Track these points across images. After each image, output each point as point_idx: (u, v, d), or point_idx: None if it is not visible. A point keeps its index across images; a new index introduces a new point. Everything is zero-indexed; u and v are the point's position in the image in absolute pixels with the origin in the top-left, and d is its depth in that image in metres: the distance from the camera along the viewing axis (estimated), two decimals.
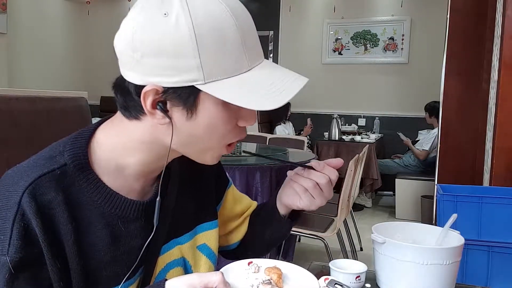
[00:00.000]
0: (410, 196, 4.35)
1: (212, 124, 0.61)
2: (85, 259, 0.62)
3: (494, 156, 2.22)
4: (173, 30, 0.56)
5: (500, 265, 1.62)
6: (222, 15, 0.58)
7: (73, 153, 0.63)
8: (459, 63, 2.84)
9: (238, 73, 0.59)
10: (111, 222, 0.65)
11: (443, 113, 2.88)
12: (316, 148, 4.68)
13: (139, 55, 0.58)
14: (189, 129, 0.61)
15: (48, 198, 0.60)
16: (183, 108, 0.60)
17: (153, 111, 0.60)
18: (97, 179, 0.64)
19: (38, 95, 1.05)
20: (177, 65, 0.57)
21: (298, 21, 5.88)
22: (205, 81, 0.57)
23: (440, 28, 3.44)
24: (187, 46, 0.56)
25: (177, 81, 0.58)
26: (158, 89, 0.58)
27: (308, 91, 5.83)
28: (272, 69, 0.63)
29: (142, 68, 0.59)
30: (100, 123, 0.69)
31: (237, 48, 0.58)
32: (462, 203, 1.67)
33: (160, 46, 0.57)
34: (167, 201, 0.73)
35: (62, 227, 0.60)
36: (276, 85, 0.60)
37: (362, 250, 3.45)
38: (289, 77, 0.63)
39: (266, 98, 0.58)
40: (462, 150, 2.83)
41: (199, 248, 0.80)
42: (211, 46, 0.57)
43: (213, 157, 0.67)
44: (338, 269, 0.92)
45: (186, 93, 0.58)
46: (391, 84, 5.48)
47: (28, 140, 0.92)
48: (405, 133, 4.79)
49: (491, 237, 1.63)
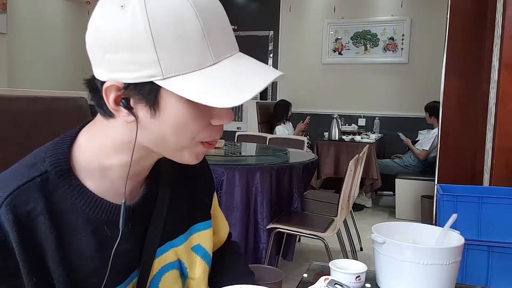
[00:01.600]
0: (410, 196, 4.35)
1: (179, 122, 0.58)
2: (70, 268, 0.60)
3: (494, 156, 2.22)
4: (128, 23, 0.54)
5: (500, 265, 1.62)
6: (181, 6, 0.54)
7: (54, 159, 0.61)
8: (459, 63, 2.84)
9: (201, 68, 0.55)
10: (97, 228, 0.62)
11: (443, 113, 2.88)
12: (316, 148, 4.68)
13: (102, 51, 0.57)
14: (156, 127, 0.58)
15: (27, 209, 0.57)
16: (146, 105, 0.57)
17: (116, 108, 0.58)
18: (80, 184, 0.62)
19: (38, 95, 1.05)
20: (135, 60, 0.55)
21: (298, 21, 5.88)
22: (163, 77, 0.54)
23: (440, 28, 3.44)
24: (143, 40, 0.53)
25: (136, 76, 0.55)
26: (118, 85, 0.56)
27: (308, 91, 5.83)
28: (242, 62, 0.59)
29: (105, 64, 0.57)
30: (83, 126, 0.67)
31: (198, 41, 0.55)
32: (462, 203, 1.67)
33: (118, 40, 0.55)
34: (159, 204, 0.71)
35: (43, 237, 0.58)
36: (241, 80, 0.56)
37: (362, 250, 3.45)
38: (258, 71, 0.59)
39: (228, 94, 0.54)
40: (462, 150, 2.83)
41: (194, 249, 0.78)
42: (169, 40, 0.54)
43: (191, 156, 0.63)
44: (338, 269, 0.92)
45: (147, 89, 0.56)
46: (391, 84, 5.48)
47: (28, 140, 0.92)
48: (405, 133, 4.79)
49: (491, 237, 1.63)
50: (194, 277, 0.78)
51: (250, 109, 5.42)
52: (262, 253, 2.54)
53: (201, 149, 0.63)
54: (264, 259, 2.52)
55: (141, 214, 0.68)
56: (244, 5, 6.16)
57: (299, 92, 5.86)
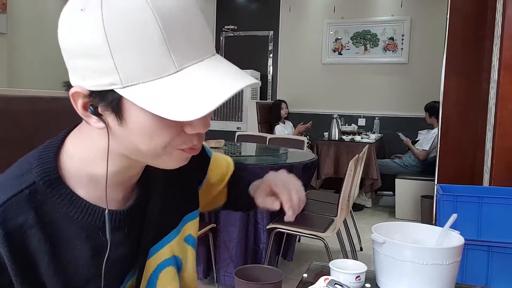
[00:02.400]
0: (410, 196, 4.35)
1: (146, 131, 0.55)
2: (65, 278, 0.59)
3: (494, 156, 2.22)
4: (86, 27, 0.51)
5: (500, 265, 1.62)
6: (139, 9, 0.51)
7: (42, 169, 0.59)
8: (459, 63, 2.84)
9: (163, 76, 0.51)
10: (91, 235, 0.61)
11: (443, 113, 2.88)
12: (316, 148, 4.68)
13: (66, 56, 0.55)
14: (126, 135, 0.56)
15: (17, 222, 0.56)
16: (111, 113, 0.55)
17: (85, 113, 0.56)
18: (71, 193, 0.60)
19: (38, 95, 1.05)
20: (95, 67, 0.52)
21: (298, 21, 5.88)
22: (123, 85, 0.51)
23: (440, 28, 3.44)
24: (100, 45, 0.51)
25: (97, 84, 0.53)
26: (82, 92, 0.54)
27: (308, 91, 5.84)
28: (211, 68, 0.54)
29: (72, 69, 0.56)
30: (70, 131, 0.65)
31: (158, 47, 0.51)
32: (462, 203, 1.67)
33: (77, 45, 0.53)
34: (151, 206, 0.70)
35: (36, 250, 0.57)
36: (205, 89, 0.52)
37: (362, 250, 3.45)
38: (227, 78, 0.54)
39: (189, 106, 0.50)
40: (462, 150, 2.83)
41: (186, 240, 0.78)
42: (126, 46, 0.50)
43: (172, 162, 0.60)
44: (338, 269, 0.92)
45: (109, 98, 0.53)
46: (391, 84, 5.48)
47: (28, 140, 0.92)
48: (405, 133, 4.79)
49: (491, 237, 1.63)
50: (187, 267, 0.78)
51: (250, 109, 5.43)
52: (262, 253, 2.54)
53: (181, 154, 0.59)
54: (264, 259, 2.52)
55: (137, 217, 0.67)
56: (244, 5, 6.16)
57: (299, 92, 5.86)
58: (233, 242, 2.48)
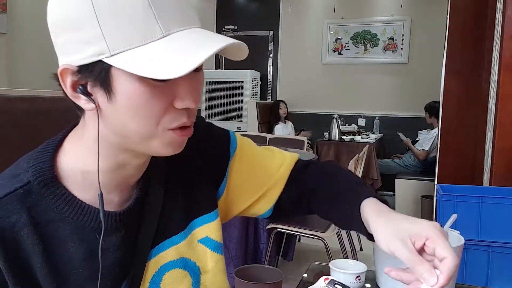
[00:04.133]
0: (410, 196, 4.35)
1: (134, 104, 0.54)
2: (60, 279, 0.58)
3: (494, 156, 2.22)
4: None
5: (500, 265, 1.62)
6: None
7: (37, 169, 0.59)
8: (459, 63, 2.84)
9: (149, 41, 0.52)
10: (87, 237, 0.60)
11: (443, 113, 2.88)
12: (316, 148, 4.68)
13: (54, 36, 0.56)
14: (114, 113, 0.55)
15: (10, 221, 0.56)
16: (101, 88, 0.54)
17: (75, 94, 0.56)
18: (67, 193, 0.59)
19: (38, 95, 1.05)
20: (82, 38, 0.52)
21: (298, 21, 5.88)
22: (110, 53, 0.52)
23: (440, 28, 3.44)
24: (87, 14, 0.51)
25: (84, 56, 0.53)
26: (71, 68, 0.54)
27: (308, 91, 5.83)
28: (197, 34, 0.54)
29: (58, 48, 0.56)
30: (69, 131, 0.64)
31: (143, 11, 0.51)
32: (462, 203, 1.67)
33: (65, 20, 0.53)
34: (151, 204, 0.68)
35: (30, 250, 0.56)
36: (192, 49, 0.52)
37: (362, 250, 3.45)
38: (212, 38, 0.54)
39: (177, 64, 0.50)
40: (462, 150, 2.83)
41: (202, 242, 0.75)
42: (112, 12, 0.51)
43: (163, 146, 0.58)
44: (338, 269, 0.92)
45: (97, 69, 0.53)
46: (391, 84, 5.48)
47: (28, 140, 0.92)
48: (405, 133, 4.78)
49: (491, 237, 1.63)
50: (207, 269, 0.75)
51: (250, 109, 5.43)
52: (262, 253, 2.54)
53: (173, 136, 0.58)
54: (264, 259, 2.52)
55: (135, 219, 0.66)
56: (244, 5, 6.16)
57: (299, 92, 5.86)
58: (233, 242, 2.48)
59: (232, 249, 2.48)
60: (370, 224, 0.65)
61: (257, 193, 0.83)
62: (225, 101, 5.68)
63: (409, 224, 0.61)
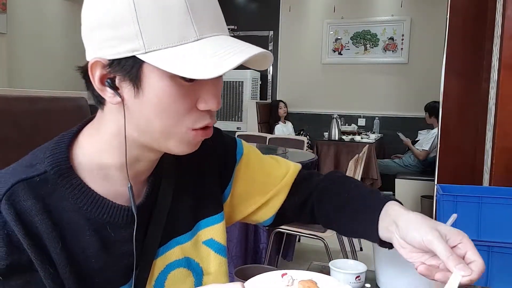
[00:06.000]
0: (410, 196, 4.35)
1: (162, 101, 0.56)
2: (76, 266, 0.59)
3: (494, 156, 2.21)
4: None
5: (500, 265, 1.62)
6: None
7: (54, 159, 0.60)
8: (459, 63, 2.84)
9: (184, 42, 0.55)
10: (99, 229, 0.61)
11: (443, 113, 2.88)
12: (316, 148, 4.68)
13: (89, 31, 0.57)
14: (140, 108, 0.57)
15: (27, 205, 0.57)
16: (130, 83, 0.56)
17: (102, 87, 0.58)
18: (82, 183, 0.61)
19: (38, 95, 1.05)
20: (118, 35, 0.55)
21: (298, 21, 5.88)
22: (145, 50, 0.54)
23: (440, 28, 3.44)
24: (126, 12, 0.54)
25: (119, 51, 0.55)
26: (102, 61, 0.56)
27: (308, 91, 5.84)
28: (229, 40, 0.58)
29: (92, 42, 0.57)
30: (86, 123, 0.66)
31: (182, 15, 0.54)
32: (462, 203, 1.66)
33: (102, 16, 0.55)
34: (161, 202, 0.70)
35: (46, 235, 0.57)
36: (223, 54, 0.54)
37: (362, 250, 3.45)
38: (243, 45, 0.57)
39: (209, 67, 0.53)
40: (462, 150, 2.83)
41: (206, 243, 0.76)
42: (151, 11, 0.54)
43: (182, 144, 0.61)
44: (338, 269, 0.92)
45: (129, 64, 0.56)
46: (391, 84, 5.48)
47: (28, 140, 0.92)
48: (405, 133, 4.79)
49: (491, 237, 1.63)
50: (210, 271, 0.76)
51: (250, 109, 5.43)
52: (262, 253, 2.54)
53: (194, 136, 0.60)
54: (264, 259, 2.52)
55: (146, 214, 0.67)
56: (244, 5, 6.16)
57: (299, 92, 5.86)
58: (233, 242, 2.48)
59: (232, 249, 2.48)
60: (402, 218, 0.66)
61: (261, 200, 0.84)
62: (225, 101, 5.68)
63: (443, 225, 0.65)
